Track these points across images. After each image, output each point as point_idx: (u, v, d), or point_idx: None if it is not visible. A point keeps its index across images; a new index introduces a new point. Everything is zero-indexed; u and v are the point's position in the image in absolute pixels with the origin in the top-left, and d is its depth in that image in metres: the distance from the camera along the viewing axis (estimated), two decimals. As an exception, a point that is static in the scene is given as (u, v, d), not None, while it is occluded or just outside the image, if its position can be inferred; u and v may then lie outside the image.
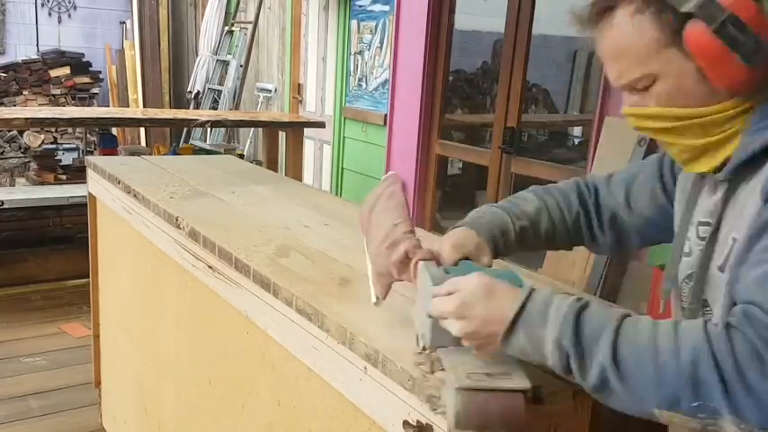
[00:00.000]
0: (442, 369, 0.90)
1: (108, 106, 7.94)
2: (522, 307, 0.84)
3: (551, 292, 0.86)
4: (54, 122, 4.13)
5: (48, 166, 5.23)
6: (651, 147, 2.87)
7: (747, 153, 0.87)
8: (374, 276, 1.10)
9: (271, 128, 4.90)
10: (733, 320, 0.77)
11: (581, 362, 0.80)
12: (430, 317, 0.89)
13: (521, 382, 0.84)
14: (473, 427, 0.83)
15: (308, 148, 5.61)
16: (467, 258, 1.03)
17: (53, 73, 7.65)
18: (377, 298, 1.10)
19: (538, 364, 0.86)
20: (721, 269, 0.90)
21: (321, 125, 4.79)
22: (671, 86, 0.89)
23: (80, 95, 7.76)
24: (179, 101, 7.78)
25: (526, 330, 0.84)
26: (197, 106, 6.71)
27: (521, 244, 1.11)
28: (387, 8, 4.80)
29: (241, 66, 6.41)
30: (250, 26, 6.35)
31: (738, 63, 0.84)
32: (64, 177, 5.07)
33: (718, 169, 0.92)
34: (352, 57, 5.25)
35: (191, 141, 6.40)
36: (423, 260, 0.99)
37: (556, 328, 0.82)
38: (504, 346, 0.86)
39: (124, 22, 8.10)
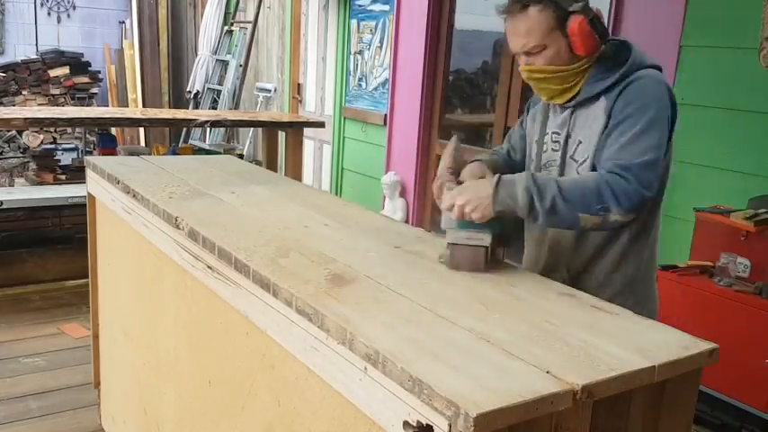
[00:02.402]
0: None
1: (107, 106, 7.94)
2: (498, 179, 1.50)
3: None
4: (53, 122, 4.12)
5: (47, 166, 5.22)
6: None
7: (589, 94, 1.62)
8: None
9: (270, 128, 4.90)
10: (609, 167, 1.52)
11: (540, 196, 1.47)
12: (447, 210, 1.52)
13: (485, 242, 1.48)
14: (456, 266, 1.48)
15: (308, 148, 5.61)
16: None
17: (52, 73, 7.65)
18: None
19: (511, 210, 1.49)
20: (572, 158, 1.65)
21: (321, 125, 4.78)
22: (553, 53, 1.59)
23: (79, 95, 7.76)
24: (178, 101, 7.78)
25: (504, 188, 1.49)
26: (196, 106, 6.70)
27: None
28: (387, 8, 4.80)
29: (241, 65, 6.40)
30: (250, 26, 6.35)
31: (595, 39, 1.57)
32: (63, 177, 5.06)
33: (567, 101, 1.66)
34: (351, 56, 5.25)
35: (190, 141, 6.40)
36: (447, 182, 1.60)
37: (522, 183, 1.48)
38: (493, 203, 1.48)
39: (123, 22, 8.10)
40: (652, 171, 1.51)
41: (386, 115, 4.86)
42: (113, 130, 6.98)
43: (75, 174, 4.93)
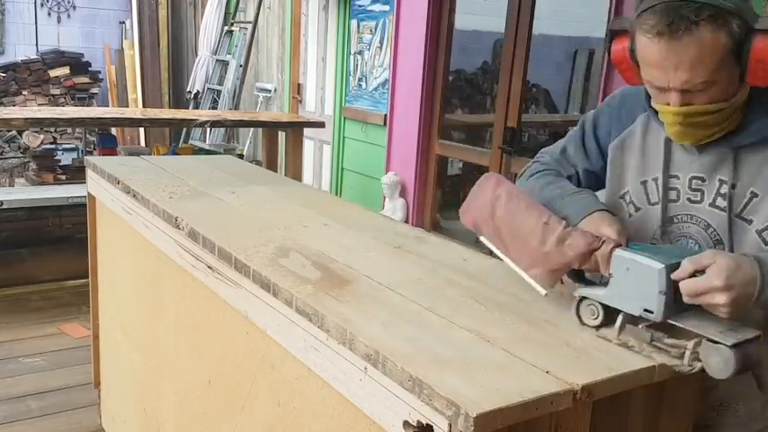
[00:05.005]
0: (666, 337, 1.11)
1: (107, 106, 7.94)
2: (759, 263, 1.09)
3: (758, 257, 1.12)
4: (53, 122, 4.12)
5: (47, 166, 5.23)
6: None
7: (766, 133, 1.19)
8: (542, 272, 1.25)
9: (270, 128, 4.90)
10: None
11: None
12: (663, 293, 1.09)
13: (753, 331, 1.09)
14: (739, 371, 1.04)
15: (308, 148, 5.61)
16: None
17: (52, 73, 7.65)
18: (547, 291, 1.28)
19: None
20: (741, 217, 1.23)
21: (321, 125, 4.78)
22: (723, 88, 1.14)
23: (79, 95, 7.76)
24: (178, 101, 7.78)
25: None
26: (196, 106, 6.71)
27: None
28: (387, 8, 4.79)
29: (241, 66, 6.41)
30: (250, 26, 6.35)
31: None
32: (63, 177, 5.07)
33: (718, 139, 1.22)
34: (351, 57, 5.25)
35: (190, 141, 6.40)
36: (617, 248, 1.17)
37: None
38: (755, 304, 1.09)
39: (123, 22, 8.10)
40: None
41: (386, 115, 4.86)
42: (113, 131, 6.98)
43: (76, 174, 4.94)
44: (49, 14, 7.82)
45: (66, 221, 4.24)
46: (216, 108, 6.47)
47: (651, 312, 1.11)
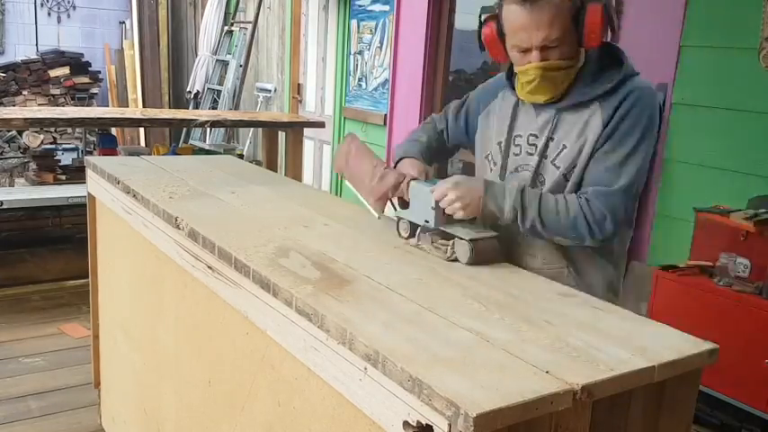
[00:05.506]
0: (442, 238, 1.57)
1: (107, 106, 7.93)
2: (487, 187, 1.56)
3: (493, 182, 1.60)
4: (53, 123, 4.12)
5: (47, 166, 5.22)
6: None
7: (582, 98, 1.56)
8: (372, 202, 1.73)
9: (270, 128, 4.90)
10: (589, 196, 1.53)
11: (523, 216, 1.54)
12: (433, 208, 1.57)
13: (491, 232, 1.55)
14: (479, 260, 1.50)
15: (308, 148, 5.61)
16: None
17: (52, 73, 7.65)
18: (379, 215, 1.76)
19: (493, 218, 1.56)
20: (552, 163, 1.59)
21: (321, 125, 4.78)
22: (568, 48, 1.51)
23: (79, 95, 7.76)
24: (178, 101, 7.78)
25: (493, 199, 1.55)
26: (196, 106, 6.71)
27: (429, 160, 1.86)
28: (387, 8, 4.80)
29: (241, 66, 6.41)
30: (250, 26, 6.36)
31: (603, 33, 1.50)
32: (63, 177, 5.05)
33: (553, 101, 1.59)
34: (351, 57, 5.25)
35: (190, 141, 6.40)
36: (412, 180, 1.67)
37: (510, 201, 1.53)
38: (482, 208, 1.55)
39: (123, 22, 8.10)
40: (629, 197, 1.54)
41: (386, 115, 4.86)
42: (113, 131, 6.97)
43: (76, 174, 4.93)
44: (49, 14, 7.82)
45: (66, 221, 4.24)
46: (216, 108, 6.47)
47: (429, 222, 1.58)
